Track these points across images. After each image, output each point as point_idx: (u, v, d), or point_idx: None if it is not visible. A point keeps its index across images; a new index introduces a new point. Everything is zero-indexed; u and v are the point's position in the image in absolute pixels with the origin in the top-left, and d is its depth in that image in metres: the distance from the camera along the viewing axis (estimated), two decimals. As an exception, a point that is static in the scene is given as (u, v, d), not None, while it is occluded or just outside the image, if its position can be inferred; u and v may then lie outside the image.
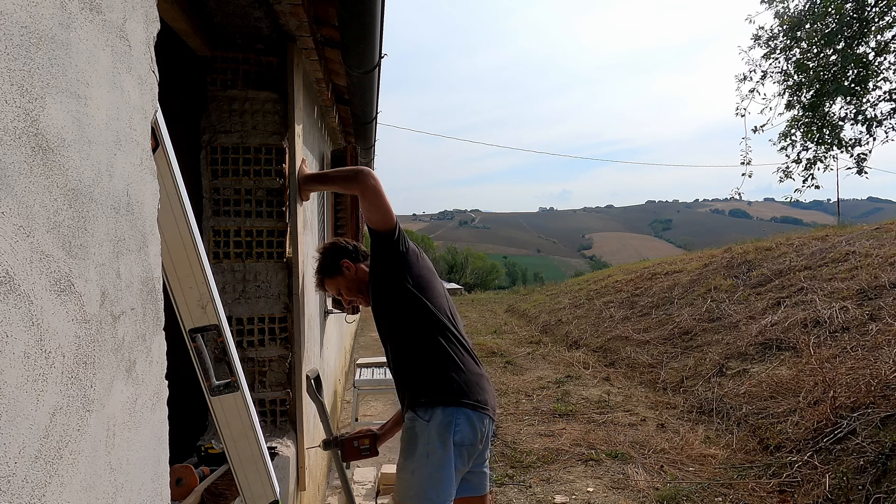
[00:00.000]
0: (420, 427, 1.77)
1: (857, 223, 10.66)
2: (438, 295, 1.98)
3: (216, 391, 1.43)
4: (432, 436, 1.74)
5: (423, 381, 1.82)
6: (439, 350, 1.85)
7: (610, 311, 8.94)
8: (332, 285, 2.16)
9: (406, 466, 1.79)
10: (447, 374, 1.81)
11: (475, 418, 1.79)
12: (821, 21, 5.86)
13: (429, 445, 1.74)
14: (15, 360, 0.57)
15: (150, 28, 0.95)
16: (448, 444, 1.73)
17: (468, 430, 1.77)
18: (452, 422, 1.75)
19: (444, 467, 1.73)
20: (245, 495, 1.54)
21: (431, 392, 1.79)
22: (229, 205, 2.22)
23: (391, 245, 1.94)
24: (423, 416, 1.77)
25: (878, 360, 4.05)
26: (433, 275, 2.04)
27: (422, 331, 1.88)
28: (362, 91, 3.26)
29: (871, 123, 6.10)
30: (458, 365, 1.83)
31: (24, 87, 0.59)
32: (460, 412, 1.76)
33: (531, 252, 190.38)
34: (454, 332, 1.92)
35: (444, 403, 1.77)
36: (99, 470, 0.73)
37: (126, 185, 0.84)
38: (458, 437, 1.75)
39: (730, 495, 3.36)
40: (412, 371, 1.87)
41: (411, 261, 1.97)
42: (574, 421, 4.92)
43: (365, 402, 5.37)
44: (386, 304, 1.98)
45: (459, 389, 1.79)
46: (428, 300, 1.92)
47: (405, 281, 1.93)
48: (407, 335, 1.91)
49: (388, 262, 1.96)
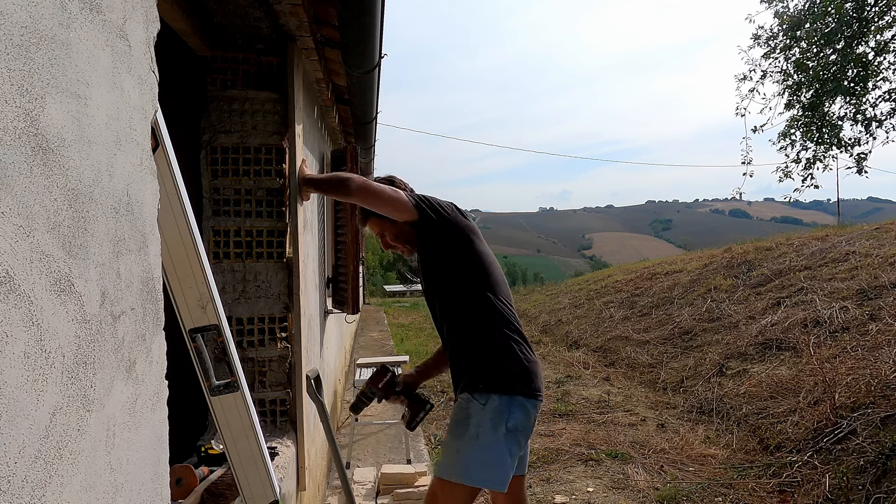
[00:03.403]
0: (475, 408, 1.79)
1: (857, 223, 10.66)
2: (499, 280, 1.95)
3: (216, 391, 1.43)
4: (485, 419, 1.77)
5: (482, 368, 1.83)
6: (500, 337, 1.85)
7: (610, 311, 8.94)
8: (376, 225, 2.04)
9: (452, 445, 1.82)
10: (506, 361, 1.83)
11: (529, 405, 1.82)
12: (820, 21, 5.86)
13: (480, 427, 1.77)
14: (15, 360, 0.57)
15: (150, 28, 0.95)
16: (500, 429, 1.77)
17: (522, 416, 1.80)
18: (507, 409, 1.78)
19: (493, 450, 1.76)
20: (245, 495, 1.54)
21: (490, 379, 1.81)
22: (229, 205, 2.22)
23: (430, 226, 1.90)
24: (480, 399, 1.79)
25: (878, 360, 4.05)
26: (491, 256, 1.99)
27: (482, 316, 1.87)
28: (362, 91, 3.26)
29: (871, 123, 6.10)
30: (517, 353, 1.85)
31: (24, 87, 0.59)
32: (515, 400, 1.80)
33: (531, 252, 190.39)
34: (513, 317, 1.92)
35: (501, 391, 1.79)
36: (99, 470, 0.73)
37: (126, 185, 0.84)
38: (512, 423, 1.78)
39: (730, 495, 3.36)
40: (471, 356, 1.87)
41: (466, 237, 1.92)
42: (574, 421, 4.92)
43: (365, 402, 5.36)
44: (443, 284, 1.94)
45: (517, 378, 1.82)
46: (489, 285, 1.90)
47: (462, 261, 1.90)
48: (466, 319, 1.89)
49: (438, 243, 1.92)
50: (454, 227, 1.93)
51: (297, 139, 2.30)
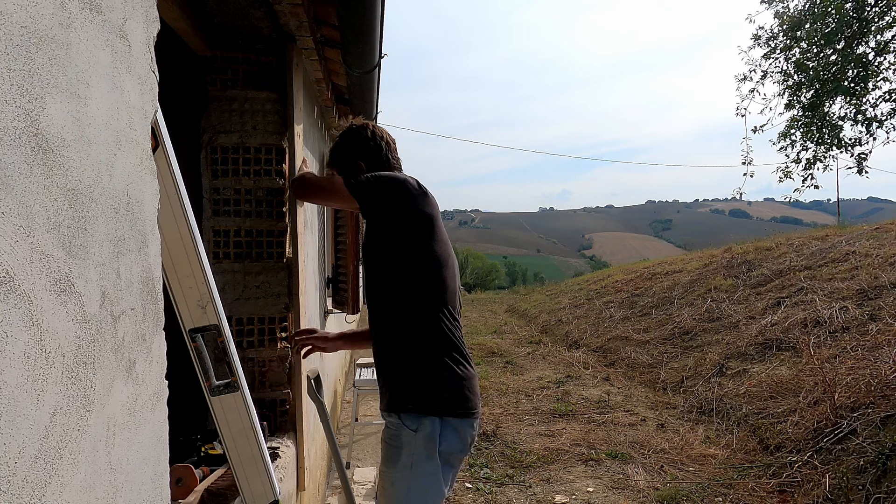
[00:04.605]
0: (406, 437, 1.67)
1: (857, 223, 10.66)
2: (448, 286, 1.74)
3: (216, 391, 1.43)
4: (418, 447, 1.66)
5: (413, 385, 1.69)
6: (436, 356, 1.70)
7: (610, 311, 8.94)
8: (336, 173, 1.93)
9: (387, 475, 1.71)
10: (440, 380, 1.69)
11: (465, 426, 1.71)
12: (821, 21, 5.86)
13: (413, 457, 1.66)
14: (15, 360, 0.57)
15: (150, 28, 0.95)
16: (434, 456, 1.66)
17: (456, 440, 1.70)
18: (440, 433, 1.67)
19: (428, 480, 1.67)
20: (245, 495, 1.54)
21: (421, 400, 1.68)
22: (229, 205, 2.22)
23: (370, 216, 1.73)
24: (411, 425, 1.67)
25: (878, 360, 4.05)
26: (447, 250, 1.77)
27: (420, 331, 1.70)
28: (362, 91, 3.26)
29: (871, 123, 6.10)
30: (454, 369, 1.70)
31: (24, 87, 0.59)
32: (448, 423, 1.68)
33: (531, 252, 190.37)
34: (455, 329, 1.76)
35: (434, 413, 1.67)
36: (99, 470, 0.73)
37: (126, 185, 0.84)
38: (444, 446, 1.67)
39: (730, 495, 3.36)
40: (402, 366, 1.71)
41: (420, 232, 1.70)
42: (574, 421, 4.92)
43: (365, 402, 5.37)
44: (382, 284, 1.74)
45: (451, 399, 1.69)
46: (435, 297, 1.71)
47: (418, 248, 1.70)
48: (402, 330, 1.71)
49: (381, 235, 1.72)
50: (406, 224, 1.71)
51: (297, 139, 2.30)
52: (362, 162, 1.89)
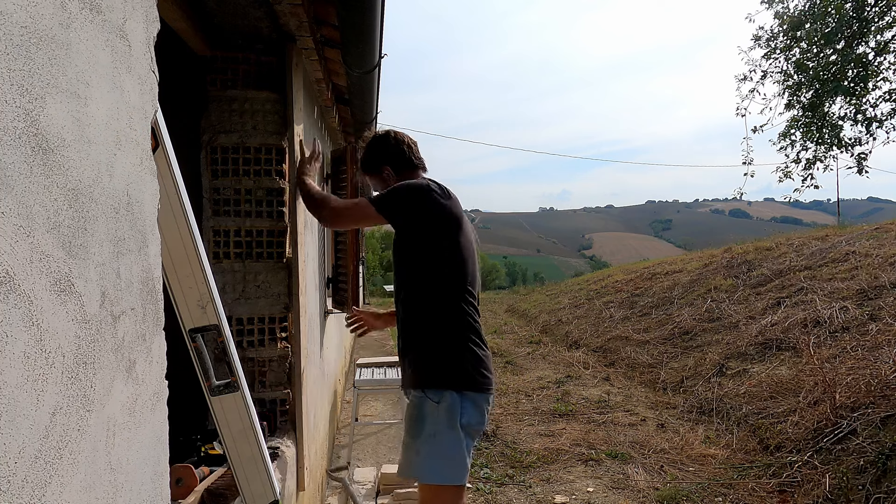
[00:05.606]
0: (429, 408, 1.81)
1: (857, 223, 10.66)
2: (470, 275, 1.93)
3: (216, 391, 1.43)
4: (440, 418, 1.79)
5: (437, 362, 1.84)
6: (459, 338, 1.85)
7: (610, 311, 8.94)
8: (370, 180, 2.16)
9: (411, 446, 1.83)
10: (461, 358, 1.84)
11: (481, 400, 1.85)
12: (820, 21, 5.86)
13: (436, 426, 1.79)
14: (15, 360, 0.57)
15: (150, 28, 0.95)
16: (456, 427, 1.79)
17: (475, 412, 1.83)
18: (461, 406, 1.80)
19: (452, 448, 1.79)
20: (245, 495, 1.54)
21: (444, 375, 1.83)
22: (229, 205, 2.22)
23: (398, 228, 1.92)
24: (434, 397, 1.81)
25: (878, 360, 4.05)
26: (470, 247, 1.95)
27: (446, 318, 1.86)
28: (362, 91, 3.26)
29: (872, 123, 6.09)
30: (474, 350, 1.86)
31: (24, 87, 0.59)
32: (467, 397, 1.82)
33: (531, 252, 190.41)
34: (475, 313, 1.92)
35: (455, 388, 1.81)
36: (99, 470, 0.73)
37: (126, 185, 0.84)
38: (465, 419, 1.81)
39: (730, 495, 3.36)
40: (428, 346, 1.87)
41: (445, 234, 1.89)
42: (574, 421, 4.92)
43: (365, 401, 5.37)
44: (412, 279, 1.92)
45: (472, 375, 1.84)
46: (460, 287, 1.88)
47: (444, 244, 1.88)
48: (429, 318, 1.88)
49: (409, 241, 1.91)
50: (431, 225, 1.89)
51: (297, 139, 2.30)
52: (388, 166, 2.09)
